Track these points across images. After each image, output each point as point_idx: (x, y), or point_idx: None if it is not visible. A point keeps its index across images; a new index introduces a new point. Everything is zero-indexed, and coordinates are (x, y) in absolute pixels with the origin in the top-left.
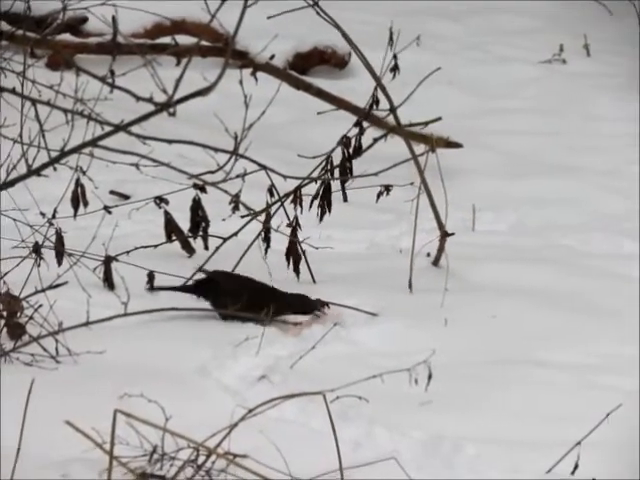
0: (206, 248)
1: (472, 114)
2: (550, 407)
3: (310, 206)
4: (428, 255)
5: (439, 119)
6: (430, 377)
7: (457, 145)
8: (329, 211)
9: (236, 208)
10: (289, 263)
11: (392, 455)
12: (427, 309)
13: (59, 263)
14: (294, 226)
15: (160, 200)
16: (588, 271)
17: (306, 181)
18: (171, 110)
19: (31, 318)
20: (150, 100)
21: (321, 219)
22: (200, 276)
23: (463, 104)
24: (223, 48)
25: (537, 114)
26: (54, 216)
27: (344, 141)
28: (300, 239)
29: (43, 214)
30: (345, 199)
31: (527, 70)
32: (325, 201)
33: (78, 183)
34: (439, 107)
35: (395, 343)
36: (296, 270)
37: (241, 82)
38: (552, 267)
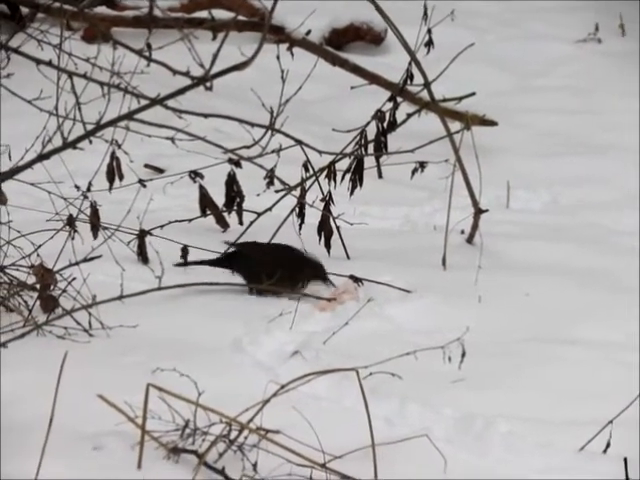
0: (240, 223)
1: (507, 92)
2: (581, 385)
3: (342, 179)
4: (462, 232)
5: (473, 94)
6: (464, 355)
7: (492, 123)
8: (360, 185)
9: (271, 183)
10: (320, 238)
11: (424, 432)
12: (461, 286)
13: (94, 236)
14: (327, 201)
15: (195, 174)
16: (620, 249)
17: (340, 156)
18: (208, 84)
19: (64, 291)
20: (187, 74)
21: (352, 193)
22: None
23: (498, 81)
24: (259, 23)
25: (572, 93)
26: (89, 189)
27: (378, 115)
28: (334, 215)
29: (78, 187)
30: (380, 175)
31: (562, 48)
32: (357, 175)
33: (113, 156)
34: (473, 84)
35: (429, 320)
36: (327, 245)
37: (278, 57)
38: (584, 245)
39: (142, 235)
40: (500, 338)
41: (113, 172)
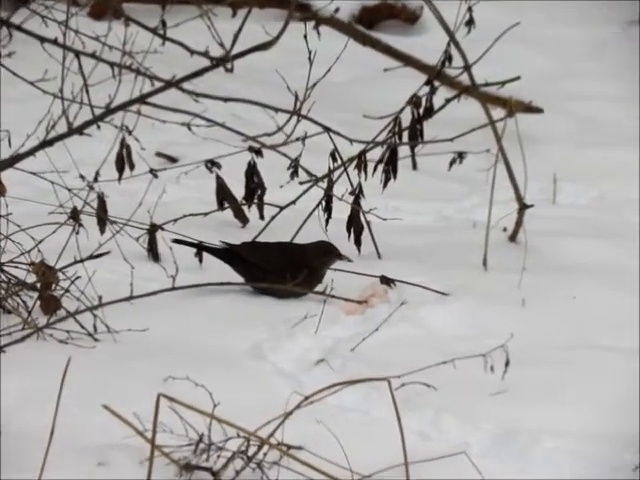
0: (261, 217)
1: (553, 76)
2: (634, 397)
3: (374, 171)
4: (504, 230)
5: (517, 78)
6: (507, 363)
7: (537, 110)
8: (394, 177)
9: (295, 174)
10: (350, 234)
11: (462, 448)
12: (503, 289)
13: (101, 231)
14: (357, 194)
15: (212, 164)
16: None
17: (372, 145)
18: (228, 65)
19: (67, 291)
20: (205, 54)
21: (385, 185)
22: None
23: (543, 65)
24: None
25: (622, 78)
26: (96, 179)
27: (414, 101)
28: (364, 209)
29: (83, 177)
30: (414, 166)
31: (611, 31)
32: (390, 166)
33: (123, 144)
34: (517, 67)
35: (467, 325)
36: (357, 242)
37: (305, 37)
38: (636, 244)
39: (153, 230)
40: (545, 345)
41: (123, 161)
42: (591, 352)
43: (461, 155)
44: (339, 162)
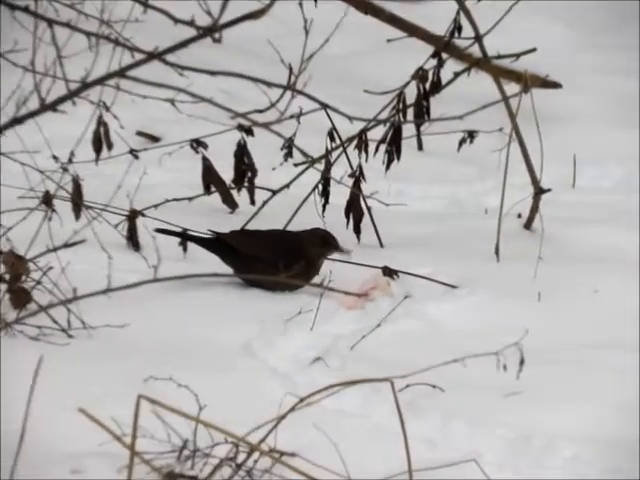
0: (252, 203)
1: (573, 49)
2: None
3: (376, 151)
4: (519, 216)
5: (533, 50)
6: (522, 362)
7: (555, 85)
8: (398, 158)
9: (289, 155)
10: (349, 221)
11: (472, 456)
12: (517, 281)
13: (76, 217)
14: (357, 177)
15: (197, 143)
16: None
17: (373, 123)
18: (216, 36)
19: (39, 283)
20: (191, 24)
21: (387, 167)
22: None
23: (562, 37)
24: None
25: None
26: (70, 160)
27: (420, 75)
28: (365, 194)
29: (56, 158)
30: (420, 147)
31: (634, 3)
32: (394, 146)
33: (101, 121)
34: (533, 39)
35: (478, 321)
36: (357, 230)
37: (301, 4)
38: None
39: (133, 216)
40: (564, 343)
41: (100, 140)
42: (614, 351)
43: (471, 134)
44: (337, 142)
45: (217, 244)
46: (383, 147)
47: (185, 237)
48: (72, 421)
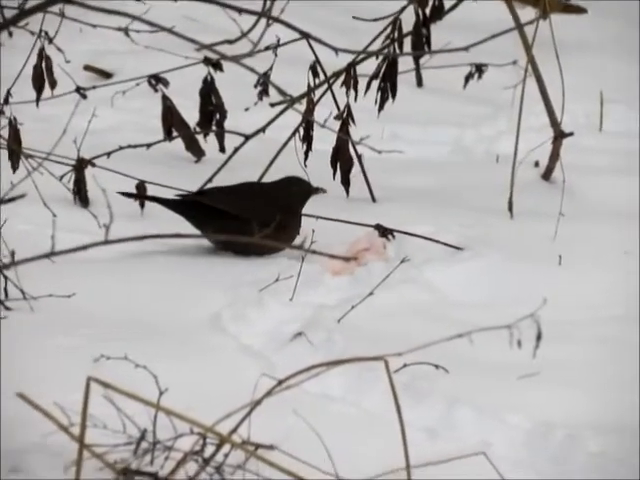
0: (221, 150)
1: None
2: None
3: (367, 89)
4: (536, 165)
5: None
6: (539, 337)
7: (579, 10)
8: (393, 97)
9: (265, 93)
10: (335, 171)
11: (480, 448)
12: (534, 241)
13: (14, 168)
14: (345, 119)
15: (156, 80)
16: None
17: (364, 55)
18: None
19: None
20: None
21: (381, 107)
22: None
23: None
24: None
25: None
26: (7, 101)
27: None
28: (355, 139)
29: None
30: (419, 83)
31: None
32: (388, 82)
33: (42, 55)
34: None
35: (488, 289)
36: (345, 181)
37: None
38: None
39: (81, 166)
40: (589, 315)
41: (42, 77)
42: None
43: (480, 68)
44: (322, 78)
45: (192, 206)
46: (375, 84)
47: (158, 202)
48: (10, 408)
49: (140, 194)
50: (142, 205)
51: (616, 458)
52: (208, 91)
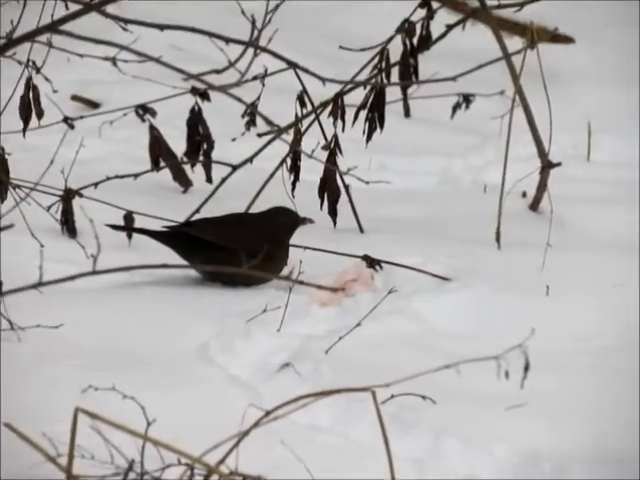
0: (208, 180)
1: None
2: None
3: (354, 120)
4: (524, 195)
5: None
6: (527, 368)
7: (567, 39)
8: (381, 127)
9: (252, 123)
10: (323, 201)
11: (468, 479)
12: (522, 272)
13: (1, 198)
14: (332, 149)
15: (144, 110)
16: None
17: (351, 85)
18: None
19: None
20: None
21: (369, 137)
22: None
23: None
24: None
25: None
26: None
27: (406, 28)
28: (342, 169)
29: None
30: (407, 113)
31: None
32: (376, 112)
33: (29, 84)
34: None
35: (475, 320)
36: (332, 212)
37: None
38: None
39: (68, 197)
40: (577, 346)
41: (29, 107)
42: (637, 355)
43: (467, 98)
44: (309, 108)
45: (179, 236)
46: (363, 114)
47: (145, 233)
48: None
49: (128, 226)
50: (129, 236)
51: None
52: (195, 121)
